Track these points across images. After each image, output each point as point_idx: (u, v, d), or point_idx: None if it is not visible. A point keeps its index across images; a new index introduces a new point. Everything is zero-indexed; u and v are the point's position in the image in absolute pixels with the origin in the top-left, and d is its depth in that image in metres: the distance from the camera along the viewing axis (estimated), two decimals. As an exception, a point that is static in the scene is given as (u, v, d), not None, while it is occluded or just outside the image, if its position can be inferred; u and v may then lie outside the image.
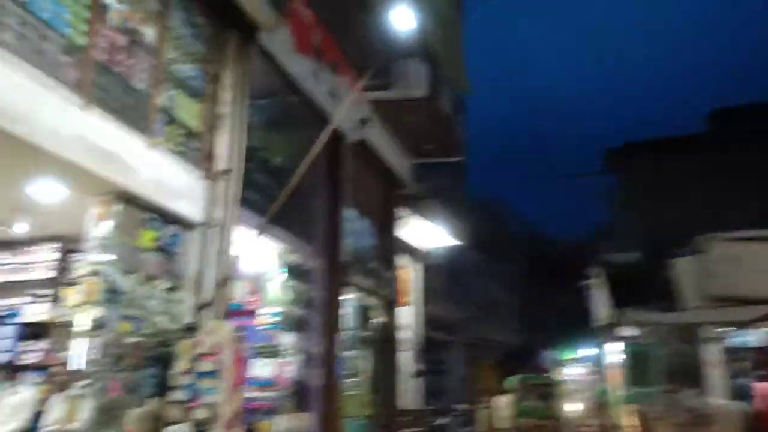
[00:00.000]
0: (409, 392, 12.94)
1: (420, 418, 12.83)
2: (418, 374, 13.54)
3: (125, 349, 5.01)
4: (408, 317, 13.27)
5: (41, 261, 6.72)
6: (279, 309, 7.85)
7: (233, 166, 6.37)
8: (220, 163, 6.27)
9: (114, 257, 4.94)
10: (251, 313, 8.15)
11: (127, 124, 5.00)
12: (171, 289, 5.63)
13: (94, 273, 4.86)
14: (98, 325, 4.78)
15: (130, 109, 5.08)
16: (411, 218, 12.75)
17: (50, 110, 4.16)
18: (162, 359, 5.31)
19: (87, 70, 4.58)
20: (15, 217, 5.88)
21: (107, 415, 5.14)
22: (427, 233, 13.79)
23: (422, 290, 14.38)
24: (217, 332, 5.29)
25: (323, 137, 6.42)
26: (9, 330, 6.71)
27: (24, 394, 5.87)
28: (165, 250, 5.57)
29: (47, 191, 5.17)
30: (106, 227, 4.93)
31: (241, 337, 5.44)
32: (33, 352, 6.39)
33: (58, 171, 4.70)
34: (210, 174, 6.13)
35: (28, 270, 6.73)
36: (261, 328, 7.89)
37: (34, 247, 6.78)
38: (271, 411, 7.61)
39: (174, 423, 5.11)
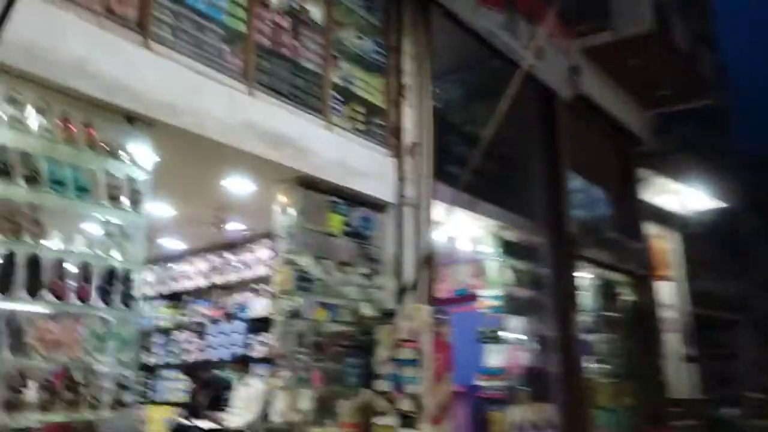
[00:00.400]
0: (681, 380, 11.18)
1: (696, 408, 10.98)
2: (690, 359, 11.66)
3: (324, 338, 4.84)
4: (669, 294, 11.50)
5: (260, 257, 7.03)
6: (499, 291, 7.17)
7: (423, 139, 5.91)
8: (408, 138, 5.86)
9: (302, 245, 4.80)
10: (473, 298, 7.63)
11: (299, 106, 4.84)
12: (368, 275, 5.36)
13: (286, 262, 4.77)
14: (293, 314, 4.67)
15: (302, 90, 4.91)
16: (656, 179, 10.99)
17: (213, 100, 4.13)
18: (364, 347, 5.06)
19: (250, 56, 4.49)
20: (223, 216, 6.16)
21: (323, 406, 5.05)
22: (682, 195, 11.80)
23: (684, 262, 12.40)
24: (415, 317, 4.86)
25: (514, 85, 5.60)
26: (240, 325, 7.15)
27: (255, 386, 6.13)
28: (357, 234, 5.32)
29: (237, 186, 5.25)
30: (291, 215, 4.81)
31: (443, 322, 4.93)
32: (261, 345, 6.68)
33: (238, 162, 4.69)
34: (398, 150, 5.75)
35: (251, 267, 7.10)
36: (484, 312, 7.30)
37: (252, 245, 7.13)
38: (503, 401, 6.97)
39: (382, 414, 4.80)
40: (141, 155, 3.77)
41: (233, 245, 7.27)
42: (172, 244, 7.48)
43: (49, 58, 3.26)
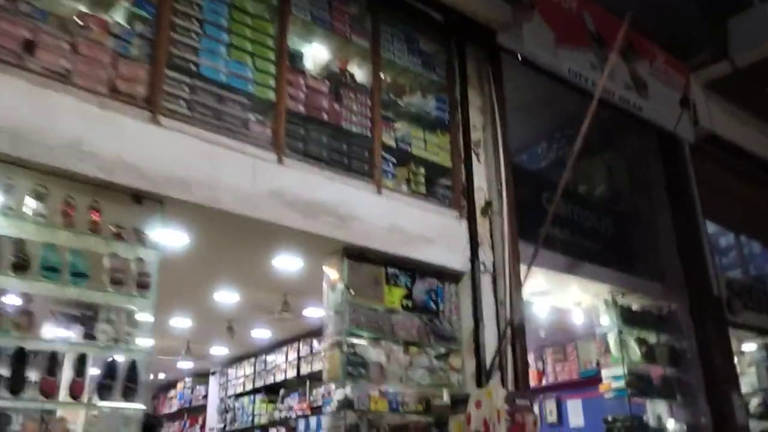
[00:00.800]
0: None
1: None
2: None
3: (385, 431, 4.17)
4: None
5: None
6: (621, 370, 6.00)
7: (501, 197, 5.23)
8: (481, 197, 5.21)
9: (353, 323, 4.26)
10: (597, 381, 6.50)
11: (341, 172, 4.45)
12: (440, 356, 4.65)
13: (334, 344, 4.24)
14: (344, 404, 4.07)
15: (344, 155, 4.54)
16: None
17: (232, 171, 3.86)
18: (438, 442, 4.29)
19: (279, 124, 4.23)
20: (289, 299, 5.81)
21: None
22: None
23: None
24: (487, 401, 4.03)
25: (589, 116, 4.78)
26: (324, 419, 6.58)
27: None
28: (423, 309, 4.67)
29: (287, 263, 4.90)
30: (339, 290, 4.33)
31: (524, 409, 4.04)
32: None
33: (280, 238, 4.35)
34: (470, 212, 5.11)
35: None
36: (608, 395, 6.13)
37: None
38: None
39: None
40: (153, 236, 3.55)
41: (318, 332, 6.87)
42: (260, 334, 7.26)
43: (41, 141, 3.18)
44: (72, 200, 3.32)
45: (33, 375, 3.00)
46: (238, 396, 8.98)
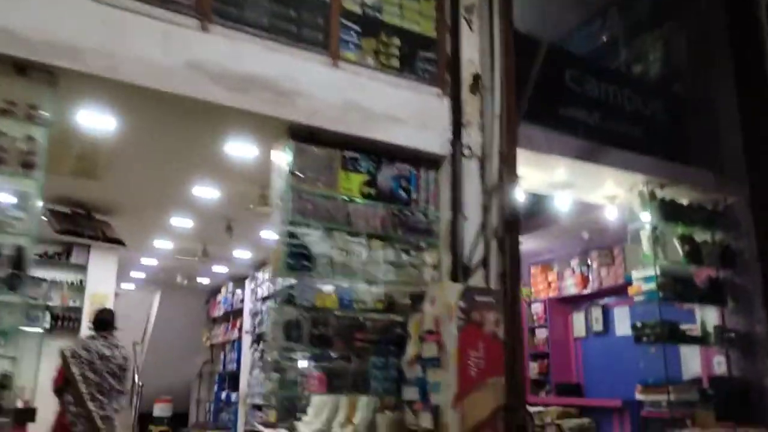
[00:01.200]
0: None
1: None
2: None
3: (336, 330, 3.75)
4: None
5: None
6: (657, 271, 5.19)
7: (491, 71, 4.45)
8: (469, 71, 4.46)
9: (300, 212, 3.79)
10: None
11: (284, 42, 3.87)
12: (413, 250, 4.11)
13: (282, 235, 3.80)
14: (286, 300, 3.67)
15: (290, 21, 3.94)
16: None
17: (139, 38, 3.39)
18: (398, 343, 3.83)
19: (204, -14, 3.68)
20: (262, 195, 5.39)
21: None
22: None
23: None
24: (441, 299, 3.49)
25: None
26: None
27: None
28: (391, 197, 4.12)
29: (240, 150, 4.46)
30: (285, 176, 3.85)
31: (485, 306, 3.46)
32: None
33: (207, 118, 3.89)
34: (453, 89, 4.40)
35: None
36: (637, 299, 5.39)
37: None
38: (676, 422, 4.99)
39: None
40: (43, 110, 3.20)
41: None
42: (270, 235, 6.99)
43: None
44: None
45: None
46: (263, 299, 8.99)
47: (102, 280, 8.06)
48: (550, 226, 6.71)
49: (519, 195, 5.09)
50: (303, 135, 3.86)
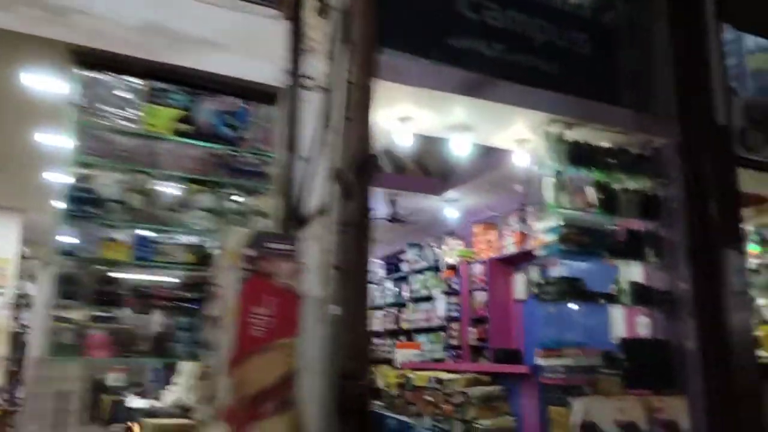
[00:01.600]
0: None
1: None
2: None
3: (123, 286, 3.25)
4: None
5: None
6: (559, 222, 4.57)
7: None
8: (318, -12, 3.85)
9: (84, 150, 3.26)
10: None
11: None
12: (240, 195, 3.58)
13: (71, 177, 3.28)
14: (64, 252, 3.17)
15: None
16: None
17: None
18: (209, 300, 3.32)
19: None
20: None
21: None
22: None
23: None
24: (224, 246, 2.95)
25: None
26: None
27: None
28: (212, 135, 3.57)
29: (39, 82, 3.93)
30: (92, 107, 3.31)
31: (279, 253, 2.91)
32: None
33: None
34: (294, 10, 3.79)
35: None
36: (540, 254, 4.79)
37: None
38: (573, 389, 4.42)
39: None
40: None
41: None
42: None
43: None
44: None
45: None
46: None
47: None
48: (473, 178, 6.11)
49: (404, 137, 4.54)
50: (90, 61, 3.32)
